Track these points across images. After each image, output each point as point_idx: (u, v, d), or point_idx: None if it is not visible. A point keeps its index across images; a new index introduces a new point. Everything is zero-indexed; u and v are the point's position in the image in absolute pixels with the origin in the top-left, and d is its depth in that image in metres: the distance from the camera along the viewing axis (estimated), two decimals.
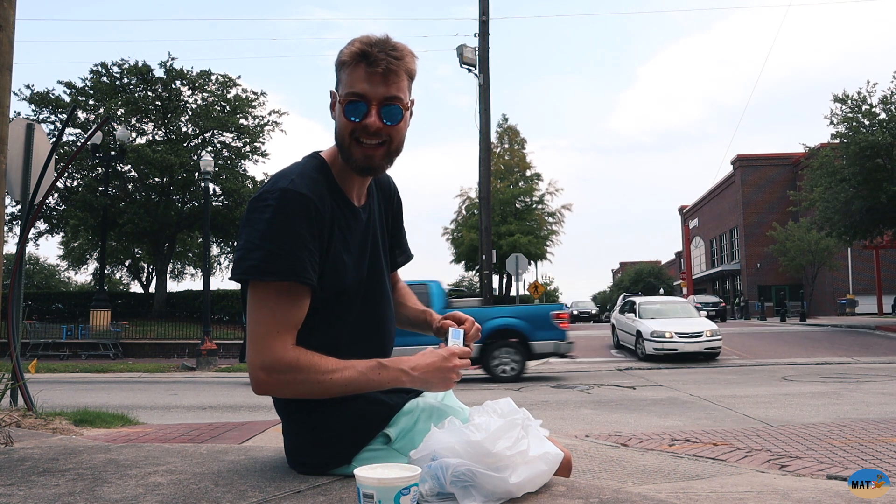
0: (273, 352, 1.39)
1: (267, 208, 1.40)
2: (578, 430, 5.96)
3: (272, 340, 1.39)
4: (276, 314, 1.40)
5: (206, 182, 18.20)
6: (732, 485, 3.09)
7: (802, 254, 36.63)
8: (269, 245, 1.38)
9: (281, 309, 1.40)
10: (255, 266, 1.38)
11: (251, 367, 1.41)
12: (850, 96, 21.90)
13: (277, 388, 1.43)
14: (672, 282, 69.76)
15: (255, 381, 1.42)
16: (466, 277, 62.14)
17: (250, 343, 1.41)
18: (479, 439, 1.31)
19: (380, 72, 1.45)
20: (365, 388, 1.45)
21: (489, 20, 16.27)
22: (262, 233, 1.39)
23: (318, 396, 1.45)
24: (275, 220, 1.38)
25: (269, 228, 1.38)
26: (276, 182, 1.45)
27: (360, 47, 1.46)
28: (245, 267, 1.39)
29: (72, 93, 26.02)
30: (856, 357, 14.07)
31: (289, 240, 1.38)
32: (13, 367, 4.64)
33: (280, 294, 1.40)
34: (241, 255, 1.41)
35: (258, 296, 1.41)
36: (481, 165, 15.94)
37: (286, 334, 1.41)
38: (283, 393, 1.45)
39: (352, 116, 1.47)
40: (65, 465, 1.83)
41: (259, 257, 1.38)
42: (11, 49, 3.03)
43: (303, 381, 1.41)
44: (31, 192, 5.44)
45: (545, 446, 1.42)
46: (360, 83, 1.46)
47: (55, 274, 54.22)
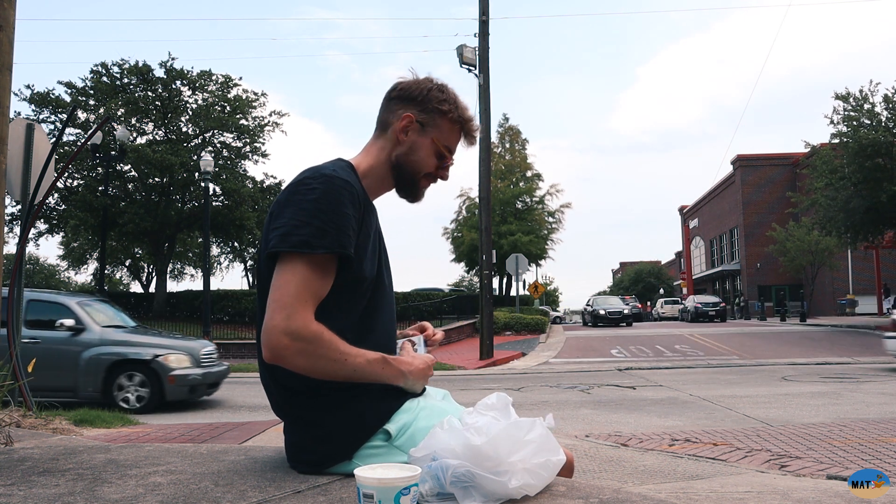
0: (302, 319, 1.42)
1: (313, 190, 1.48)
2: (578, 430, 5.96)
3: (302, 308, 1.43)
4: (308, 284, 1.45)
5: (206, 182, 18.19)
6: (732, 485, 3.09)
7: (802, 254, 36.64)
8: (317, 222, 1.45)
9: (314, 280, 1.46)
10: (304, 240, 1.44)
11: (273, 331, 1.42)
12: (851, 94, 21.89)
13: (296, 356, 1.43)
14: (672, 282, 69.81)
15: (276, 345, 1.42)
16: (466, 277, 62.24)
17: (276, 307, 1.43)
18: (479, 444, 1.31)
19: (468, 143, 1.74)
20: (369, 378, 1.51)
21: (489, 20, 16.27)
22: (309, 211, 1.46)
23: (325, 377, 1.47)
24: (322, 200, 1.47)
25: (317, 207, 1.46)
26: (318, 170, 1.54)
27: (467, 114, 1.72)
28: (295, 241, 1.44)
29: (72, 93, 26.01)
30: (856, 357, 14.07)
31: (336, 217, 1.47)
32: (13, 367, 4.64)
33: (316, 266, 1.46)
34: (287, 231, 1.45)
35: (294, 265, 1.45)
36: (481, 165, 15.95)
37: (313, 306, 1.46)
38: (298, 364, 1.45)
39: (440, 160, 1.70)
40: (65, 465, 1.83)
41: (308, 232, 1.44)
42: (11, 49, 3.03)
43: (320, 356, 1.44)
44: (31, 192, 5.44)
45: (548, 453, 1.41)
46: (454, 141, 1.71)
47: (55, 274, 54.24)
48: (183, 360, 8.28)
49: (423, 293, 30.59)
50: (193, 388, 8.39)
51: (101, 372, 8.05)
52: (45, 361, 7.96)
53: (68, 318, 8.26)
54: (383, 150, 1.69)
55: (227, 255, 41.87)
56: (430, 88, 1.68)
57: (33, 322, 8.22)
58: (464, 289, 52.47)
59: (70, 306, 8.51)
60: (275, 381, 1.58)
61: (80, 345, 8.17)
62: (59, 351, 8.09)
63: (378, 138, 1.72)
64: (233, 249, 39.16)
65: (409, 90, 1.68)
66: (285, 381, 1.55)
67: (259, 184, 28.41)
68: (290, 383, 1.54)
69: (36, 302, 8.59)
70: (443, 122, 1.68)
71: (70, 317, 8.30)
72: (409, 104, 1.67)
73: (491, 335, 15.50)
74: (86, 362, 8.09)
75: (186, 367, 8.27)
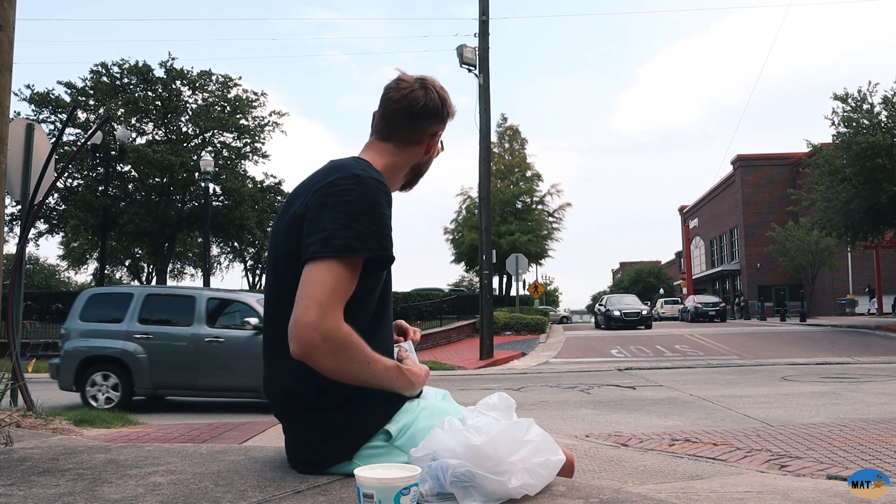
0: (334, 319, 1.43)
1: (349, 192, 1.49)
2: (578, 430, 5.96)
3: (335, 308, 1.43)
4: (343, 285, 1.45)
5: (206, 182, 18.19)
6: (732, 485, 3.09)
7: (802, 254, 36.64)
8: (358, 225, 1.46)
9: (347, 282, 1.46)
10: (347, 244, 1.44)
11: (306, 328, 1.40)
12: (850, 94, 21.88)
13: (325, 356, 1.43)
14: (672, 282, 69.80)
15: (309, 343, 1.41)
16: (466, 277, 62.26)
17: (311, 303, 1.41)
18: (480, 444, 1.31)
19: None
20: (382, 386, 1.52)
21: (489, 20, 16.27)
22: (349, 214, 1.47)
23: (345, 379, 1.47)
24: (360, 203, 1.48)
25: (356, 210, 1.47)
26: (349, 170, 1.54)
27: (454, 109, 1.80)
28: (338, 244, 1.44)
29: (72, 93, 26.01)
30: (856, 357, 14.06)
31: (376, 219, 1.48)
32: (13, 367, 4.64)
33: (351, 269, 1.46)
34: (328, 235, 1.45)
35: (330, 266, 1.45)
36: (481, 165, 15.95)
37: (343, 307, 1.46)
38: (325, 363, 1.44)
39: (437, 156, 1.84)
40: (65, 465, 1.83)
41: (351, 236, 1.45)
42: (11, 49, 3.03)
43: (348, 359, 1.44)
44: (31, 192, 5.45)
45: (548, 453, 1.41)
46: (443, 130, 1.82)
47: (55, 274, 54.22)
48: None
49: (423, 293, 30.59)
50: None
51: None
52: (227, 361, 8.09)
53: (252, 317, 8.09)
54: (401, 155, 1.73)
55: (227, 255, 41.87)
56: (445, 99, 1.75)
57: (213, 320, 8.29)
58: (464, 289, 52.48)
59: (252, 305, 8.38)
60: (275, 381, 1.58)
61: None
62: (243, 350, 7.99)
63: (395, 144, 1.72)
64: (233, 249, 39.16)
65: (432, 105, 1.73)
66: (285, 383, 1.55)
67: (259, 184, 28.42)
68: (290, 385, 1.54)
69: (215, 300, 8.56)
70: (440, 126, 1.79)
71: (254, 315, 8.12)
72: (431, 120, 1.74)
73: (491, 335, 15.50)
74: None
75: None
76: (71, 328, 8.41)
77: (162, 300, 8.90)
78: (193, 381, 8.17)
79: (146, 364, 8.04)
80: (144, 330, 8.17)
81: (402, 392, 1.57)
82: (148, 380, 8.04)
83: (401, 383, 1.55)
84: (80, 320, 8.40)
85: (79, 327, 8.35)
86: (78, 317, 8.42)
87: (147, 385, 8.07)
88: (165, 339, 8.23)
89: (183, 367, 8.13)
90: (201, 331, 8.16)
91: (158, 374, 8.11)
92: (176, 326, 8.33)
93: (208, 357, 8.09)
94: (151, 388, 8.10)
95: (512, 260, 22.09)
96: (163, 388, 8.28)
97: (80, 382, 8.07)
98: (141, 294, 8.54)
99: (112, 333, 8.21)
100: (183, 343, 8.18)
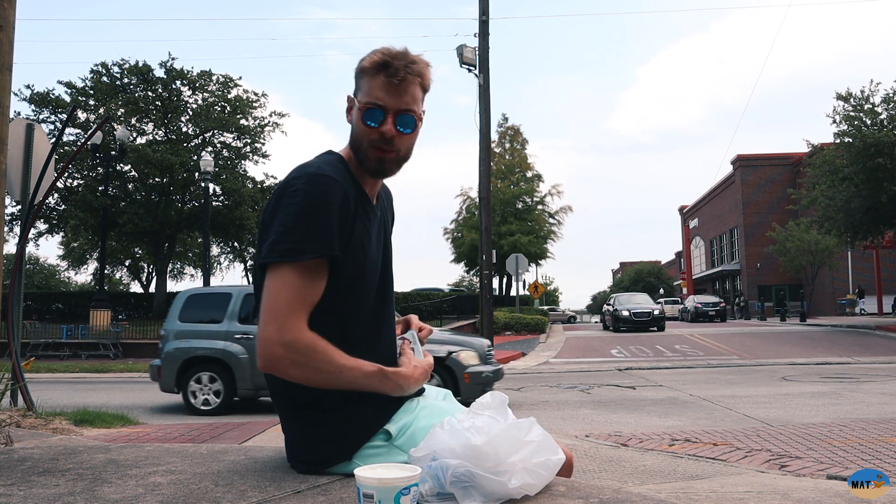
0: (295, 329, 1.41)
1: (297, 192, 1.45)
2: (578, 430, 5.96)
3: (295, 318, 1.42)
4: (298, 292, 1.43)
5: (206, 182, 18.21)
6: (732, 485, 3.09)
7: (802, 254, 36.64)
8: (303, 227, 1.42)
9: (304, 287, 1.44)
10: (292, 248, 1.42)
11: (266, 342, 1.41)
12: (852, 94, 21.88)
13: (290, 367, 1.42)
14: (672, 282, 69.78)
15: (270, 356, 1.41)
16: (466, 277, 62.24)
17: (269, 317, 1.41)
18: (480, 444, 1.31)
19: (396, 83, 1.53)
20: (365, 389, 1.49)
21: (489, 20, 16.27)
22: (294, 215, 1.43)
23: (319, 386, 1.46)
24: (306, 202, 1.44)
25: (302, 210, 1.43)
26: (303, 169, 1.50)
27: (381, 58, 1.53)
28: (283, 250, 1.42)
29: (72, 93, 26.01)
30: (856, 357, 14.06)
31: (322, 220, 1.44)
32: (13, 367, 4.64)
33: (305, 272, 1.43)
34: (275, 239, 1.43)
35: (284, 274, 1.43)
36: (481, 165, 15.95)
37: (305, 314, 1.44)
38: (291, 374, 1.44)
39: (369, 122, 1.54)
40: (65, 465, 1.83)
41: (295, 239, 1.42)
42: (11, 49, 3.03)
43: (314, 368, 1.43)
44: (31, 192, 5.44)
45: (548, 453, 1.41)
46: (378, 92, 1.53)
47: (55, 274, 54.22)
48: (473, 357, 7.72)
49: (423, 293, 30.61)
50: (485, 386, 7.68)
51: None
52: None
53: None
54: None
55: (227, 255, 41.88)
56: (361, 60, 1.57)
57: None
58: (464, 289, 52.49)
59: None
60: (273, 382, 1.58)
61: None
62: None
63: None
64: (233, 249, 39.14)
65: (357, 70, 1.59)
66: (282, 384, 1.55)
67: (259, 184, 28.44)
68: (288, 385, 1.53)
69: None
70: (364, 82, 1.56)
71: None
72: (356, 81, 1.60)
73: (491, 335, 15.50)
74: None
75: (476, 364, 7.70)
76: (170, 329, 8.31)
77: None
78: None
79: (247, 365, 7.85)
80: (244, 330, 7.99)
81: (390, 394, 1.52)
82: (249, 381, 7.87)
83: (385, 387, 1.49)
84: (180, 321, 8.31)
85: (178, 328, 8.28)
86: (177, 318, 8.34)
87: (248, 386, 7.91)
88: None
89: None
90: None
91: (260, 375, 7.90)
92: None
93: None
94: (253, 388, 7.93)
95: (512, 260, 22.09)
96: (264, 389, 7.80)
97: (181, 384, 7.98)
98: (240, 294, 8.32)
99: (212, 334, 8.11)
100: None
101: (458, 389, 7.49)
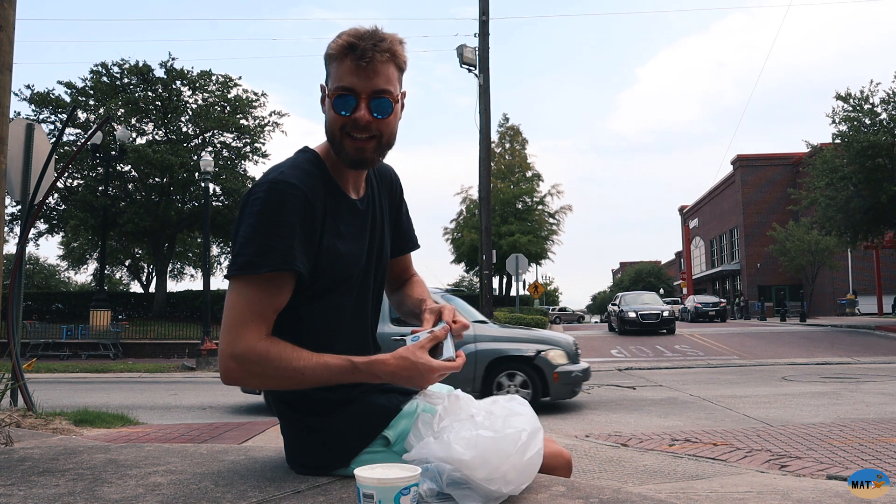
0: (245, 341, 1.38)
1: (256, 201, 1.40)
2: (578, 430, 5.96)
3: (245, 330, 1.38)
4: (253, 304, 1.39)
5: (206, 182, 18.19)
6: (732, 485, 3.09)
7: (802, 254, 36.64)
8: (260, 238, 1.38)
9: (260, 298, 1.40)
10: (248, 261, 1.38)
11: (222, 356, 1.39)
12: (852, 94, 21.89)
13: (246, 378, 1.41)
14: (672, 282, 69.78)
15: (225, 370, 1.40)
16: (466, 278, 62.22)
17: (224, 331, 1.39)
18: (468, 459, 1.29)
19: (365, 65, 1.43)
20: (338, 383, 1.44)
21: (489, 20, 16.27)
22: (252, 227, 1.39)
23: (285, 388, 1.45)
24: (264, 213, 1.39)
25: (259, 221, 1.39)
26: (266, 175, 1.45)
27: (346, 40, 1.44)
28: (240, 263, 1.39)
29: (72, 93, 26.02)
30: (856, 357, 14.06)
31: (279, 230, 1.38)
32: (13, 367, 4.64)
33: (261, 284, 1.39)
34: (236, 251, 1.41)
35: (239, 286, 1.40)
36: (481, 165, 15.95)
37: (261, 324, 1.40)
38: (251, 383, 1.43)
39: (341, 111, 1.46)
40: (65, 465, 1.83)
41: (251, 252, 1.38)
42: (11, 49, 3.03)
43: (271, 375, 1.40)
44: (31, 192, 5.44)
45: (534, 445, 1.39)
46: (348, 76, 1.44)
47: (55, 274, 54.18)
48: (561, 356, 7.41)
49: None
50: (574, 386, 7.54)
51: (480, 372, 7.21)
52: None
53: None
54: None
55: (227, 255, 41.82)
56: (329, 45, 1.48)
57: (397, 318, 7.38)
58: (464, 289, 52.48)
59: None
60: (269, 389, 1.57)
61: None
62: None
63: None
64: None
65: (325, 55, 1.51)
66: (279, 393, 1.54)
67: None
68: (286, 392, 1.53)
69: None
70: (333, 68, 1.47)
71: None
72: (326, 68, 1.51)
73: None
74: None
75: (565, 363, 7.41)
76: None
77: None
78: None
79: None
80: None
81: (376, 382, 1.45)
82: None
83: (360, 380, 1.43)
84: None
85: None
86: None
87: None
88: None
89: None
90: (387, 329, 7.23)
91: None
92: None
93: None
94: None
95: (512, 260, 22.08)
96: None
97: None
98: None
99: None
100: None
101: (547, 390, 7.24)
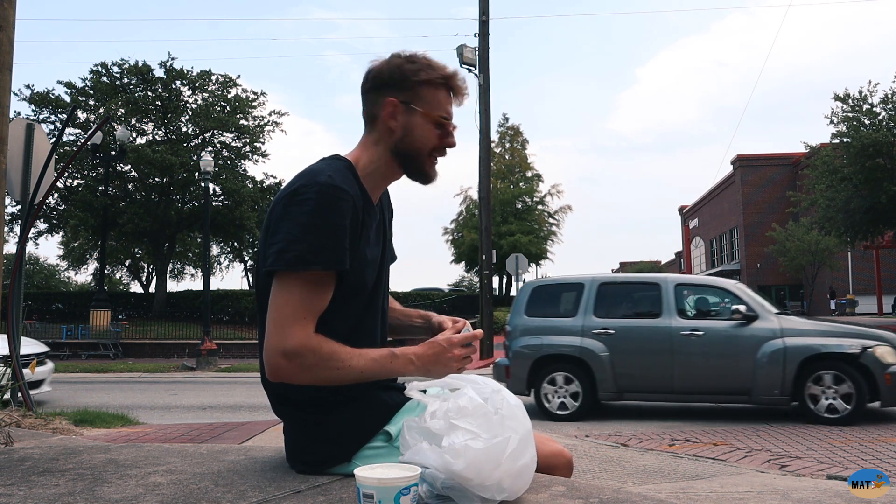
0: (298, 337, 1.41)
1: (307, 202, 1.44)
2: (578, 431, 5.96)
3: (298, 326, 1.42)
4: (304, 301, 1.43)
5: (206, 182, 18.19)
6: (732, 485, 3.09)
7: (802, 254, 36.64)
8: (312, 237, 1.42)
9: (311, 296, 1.44)
10: (299, 256, 1.41)
11: (271, 352, 1.42)
12: (850, 95, 21.89)
13: (296, 373, 1.43)
14: None
15: (274, 366, 1.43)
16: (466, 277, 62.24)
17: (273, 327, 1.43)
18: (459, 469, 1.29)
19: (460, 100, 1.63)
20: (378, 376, 1.49)
21: (489, 20, 16.27)
22: (303, 225, 1.42)
23: (332, 384, 1.47)
24: (317, 213, 1.43)
25: (312, 221, 1.42)
26: (313, 177, 1.48)
27: (447, 72, 1.60)
28: (290, 258, 1.42)
29: (72, 93, 26.01)
30: None
31: (331, 231, 1.43)
32: (13, 367, 4.64)
33: (311, 282, 1.44)
34: (282, 247, 1.43)
35: (290, 283, 1.43)
36: (481, 165, 15.95)
37: (311, 321, 1.44)
38: (300, 379, 1.45)
39: (444, 131, 1.61)
40: (65, 465, 1.83)
41: (303, 248, 1.41)
42: (11, 49, 3.03)
43: (322, 369, 1.43)
44: (31, 192, 5.44)
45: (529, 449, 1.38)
46: (447, 106, 1.61)
47: (55, 274, 54.17)
48: (892, 354, 6.49)
49: (422, 293, 30.61)
50: None
51: (790, 372, 6.49)
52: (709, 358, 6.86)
53: (740, 304, 6.91)
54: (379, 143, 1.62)
55: (227, 255, 41.88)
56: (400, 65, 1.59)
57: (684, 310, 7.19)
58: (464, 289, 52.49)
59: (734, 291, 7.19)
60: (270, 384, 1.57)
61: (756, 337, 6.72)
62: (728, 346, 6.83)
63: (370, 132, 1.65)
64: (233, 249, 39.14)
65: (381, 75, 1.60)
66: (280, 385, 1.54)
67: (259, 184, 28.42)
68: (285, 387, 1.53)
69: (684, 286, 7.42)
70: (426, 92, 1.59)
71: (738, 302, 6.96)
72: (387, 89, 1.59)
73: (491, 335, 15.50)
74: (768, 358, 6.57)
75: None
76: (517, 325, 7.56)
77: (619, 289, 7.75)
78: (668, 384, 6.98)
79: (609, 363, 7.03)
80: (603, 324, 7.16)
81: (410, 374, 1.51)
82: (612, 382, 7.04)
83: (399, 365, 1.49)
84: (527, 315, 7.56)
85: (526, 324, 7.51)
86: (523, 312, 7.59)
87: (611, 388, 7.06)
88: (630, 334, 7.17)
89: (655, 367, 7.01)
90: (674, 323, 7.01)
91: (624, 376, 7.07)
92: (641, 319, 7.32)
93: (686, 354, 6.92)
94: (616, 391, 7.09)
95: (512, 260, 22.06)
96: (629, 392, 7.18)
97: (533, 383, 7.25)
98: (594, 283, 7.45)
99: (565, 329, 7.29)
100: (653, 338, 7.08)
101: (877, 394, 6.40)
